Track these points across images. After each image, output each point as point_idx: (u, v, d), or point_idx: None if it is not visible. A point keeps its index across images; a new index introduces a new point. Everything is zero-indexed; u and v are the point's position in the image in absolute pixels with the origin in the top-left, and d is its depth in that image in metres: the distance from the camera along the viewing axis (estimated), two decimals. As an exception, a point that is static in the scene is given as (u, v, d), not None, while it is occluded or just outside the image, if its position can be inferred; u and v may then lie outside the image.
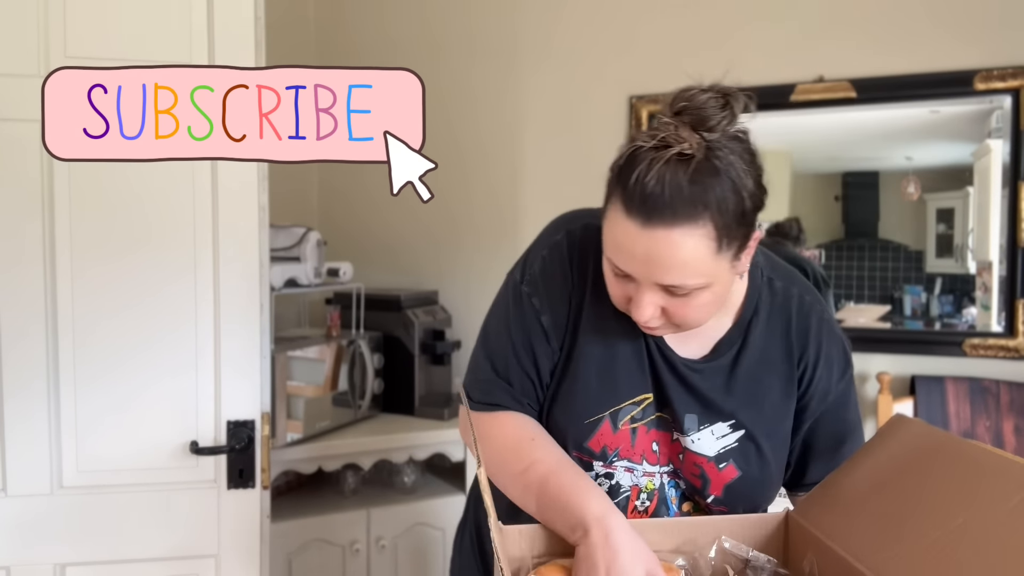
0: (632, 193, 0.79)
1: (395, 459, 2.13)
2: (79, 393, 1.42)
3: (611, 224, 0.83)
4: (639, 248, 0.81)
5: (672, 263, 0.80)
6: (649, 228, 0.79)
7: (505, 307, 1.00)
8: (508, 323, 0.99)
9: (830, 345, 0.99)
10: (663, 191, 0.78)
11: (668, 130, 0.79)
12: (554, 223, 1.02)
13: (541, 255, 0.98)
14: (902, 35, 2.04)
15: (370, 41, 2.64)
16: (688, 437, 0.97)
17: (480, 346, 1.03)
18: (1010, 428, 1.93)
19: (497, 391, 0.98)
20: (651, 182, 0.78)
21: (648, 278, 0.83)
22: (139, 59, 1.41)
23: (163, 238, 1.44)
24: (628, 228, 0.80)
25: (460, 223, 2.52)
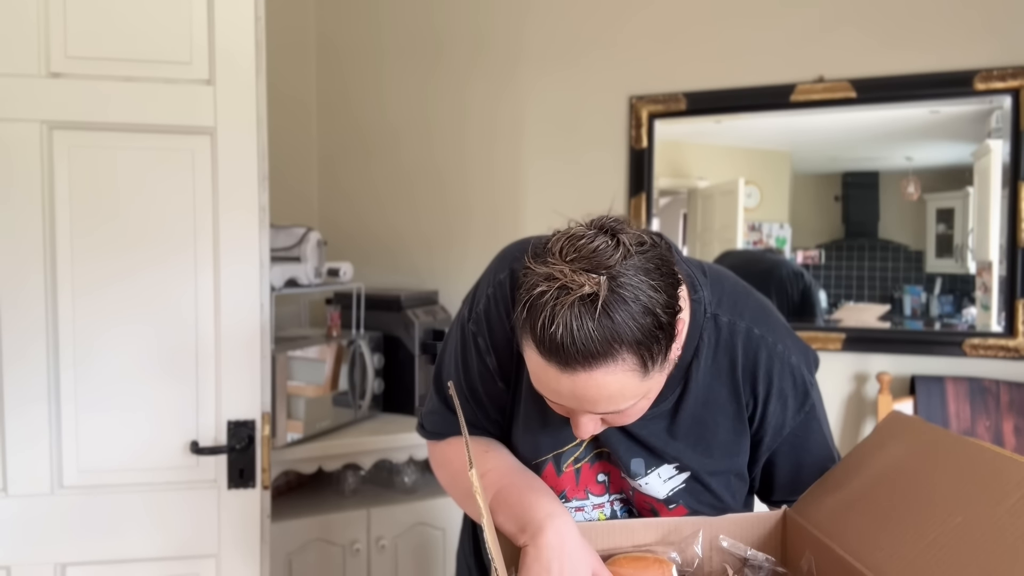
0: (543, 341, 0.75)
1: (395, 459, 2.13)
2: (79, 393, 1.42)
3: (531, 362, 0.80)
4: (564, 388, 0.77)
5: (599, 398, 0.77)
6: (569, 372, 0.75)
7: (454, 343, 1.01)
8: (455, 360, 1.00)
9: (782, 379, 0.94)
10: (573, 340, 0.73)
11: (564, 276, 0.74)
12: (501, 256, 0.98)
13: (487, 293, 0.96)
14: (902, 35, 2.04)
15: (370, 41, 2.65)
16: (636, 481, 0.96)
17: (433, 378, 1.06)
18: (1010, 428, 1.93)
19: (446, 423, 1.04)
20: (559, 331, 0.73)
21: (581, 409, 0.81)
22: (139, 59, 1.42)
23: (163, 238, 1.44)
24: (548, 371, 0.77)
25: (460, 223, 2.52)
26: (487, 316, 0.95)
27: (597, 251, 0.75)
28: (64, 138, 1.40)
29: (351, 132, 2.69)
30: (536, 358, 0.77)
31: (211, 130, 1.45)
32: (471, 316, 0.97)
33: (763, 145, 2.22)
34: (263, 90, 1.48)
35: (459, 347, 0.99)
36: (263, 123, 1.48)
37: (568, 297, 0.73)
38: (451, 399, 0.96)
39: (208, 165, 1.45)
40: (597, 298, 0.72)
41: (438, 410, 1.05)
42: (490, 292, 0.96)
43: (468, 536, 1.17)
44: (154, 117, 1.43)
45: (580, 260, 0.75)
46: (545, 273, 0.75)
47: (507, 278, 0.94)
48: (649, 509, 0.98)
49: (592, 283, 0.73)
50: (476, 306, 0.97)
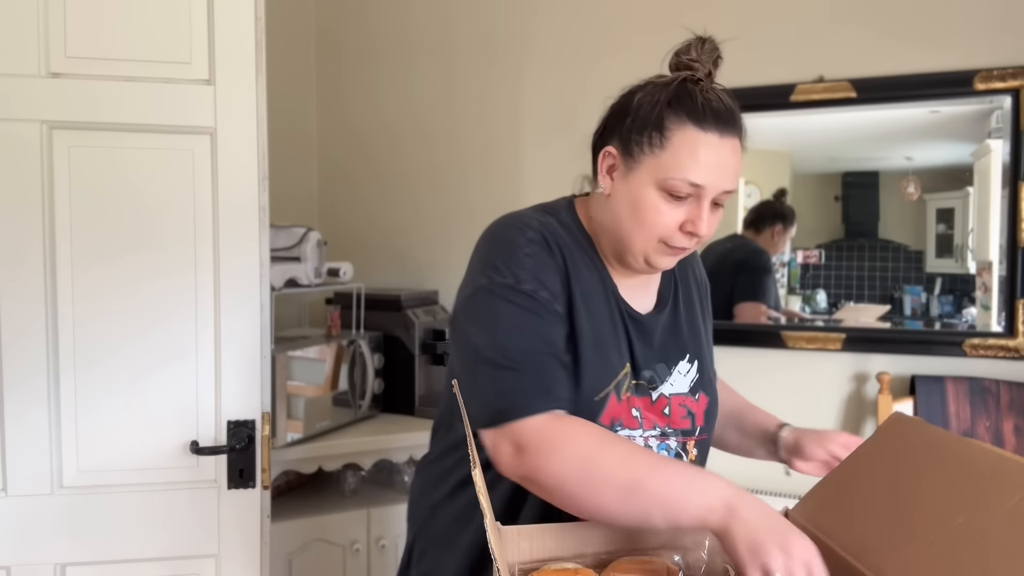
0: (704, 112, 0.91)
1: (395, 459, 2.13)
2: (79, 393, 1.42)
3: (685, 144, 0.92)
4: (719, 157, 0.92)
5: (736, 168, 0.95)
6: (725, 138, 0.92)
7: (516, 311, 0.93)
8: (528, 324, 0.92)
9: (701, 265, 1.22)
10: (725, 106, 0.93)
11: (696, 68, 0.95)
12: (507, 230, 1.01)
13: (525, 253, 0.96)
14: (902, 35, 2.04)
15: (370, 42, 2.65)
16: (665, 384, 1.04)
17: (492, 358, 0.91)
18: (1010, 428, 1.93)
19: (537, 394, 0.90)
20: (714, 101, 0.92)
21: (716, 187, 0.93)
22: (139, 59, 1.42)
23: (163, 238, 1.44)
24: (709, 140, 0.91)
25: (460, 223, 2.52)
26: (539, 269, 0.95)
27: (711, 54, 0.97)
28: (64, 138, 1.40)
29: (351, 132, 2.69)
30: (694, 135, 0.91)
31: (211, 130, 1.45)
32: (520, 279, 0.94)
33: (763, 145, 2.22)
34: (263, 90, 1.48)
35: (526, 311, 0.92)
36: (263, 123, 1.48)
37: (707, 80, 0.94)
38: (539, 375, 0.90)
39: (208, 165, 1.45)
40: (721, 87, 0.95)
41: (518, 383, 0.90)
42: (528, 251, 0.96)
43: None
44: (154, 117, 1.43)
45: (701, 60, 0.96)
46: (671, 76, 0.97)
47: (535, 234, 0.99)
48: (685, 414, 1.05)
49: (707, 72, 0.95)
50: (520, 270, 0.94)
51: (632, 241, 0.97)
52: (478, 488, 0.74)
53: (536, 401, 0.88)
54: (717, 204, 0.96)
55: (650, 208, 0.94)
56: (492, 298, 0.94)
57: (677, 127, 0.92)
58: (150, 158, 1.43)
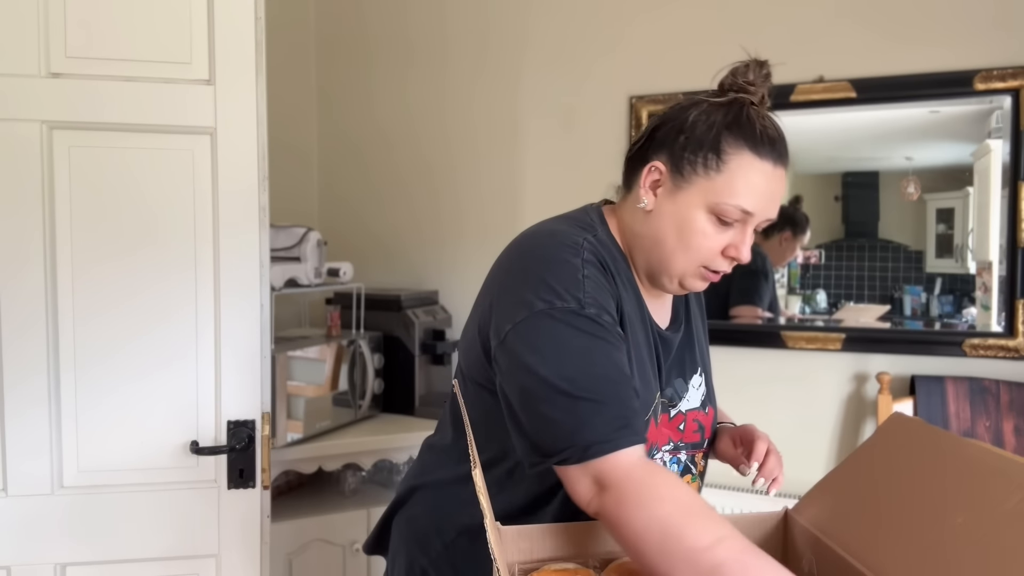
0: (762, 139, 0.91)
1: (395, 459, 2.13)
2: (79, 393, 1.42)
3: (741, 170, 0.91)
4: (771, 186, 0.93)
5: (779, 197, 0.95)
6: (779, 167, 0.93)
7: (584, 337, 0.87)
8: (600, 350, 0.87)
9: None
10: (779, 136, 0.94)
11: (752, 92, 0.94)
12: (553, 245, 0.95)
13: (583, 275, 0.91)
14: (902, 35, 2.04)
15: (370, 42, 2.65)
16: (683, 401, 1.04)
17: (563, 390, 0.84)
18: (1010, 428, 1.93)
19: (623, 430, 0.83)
20: (770, 130, 0.93)
21: (764, 215, 0.94)
22: (139, 59, 1.42)
23: (163, 238, 1.44)
24: (764, 168, 0.92)
25: (460, 223, 2.52)
26: (599, 293, 0.90)
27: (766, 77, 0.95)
28: (64, 138, 1.40)
29: (351, 132, 2.69)
30: (751, 163, 0.91)
31: (211, 130, 1.45)
32: (584, 303, 0.88)
33: (763, 145, 2.22)
34: (263, 90, 1.48)
35: (595, 336, 0.87)
36: (263, 123, 1.48)
37: (761, 105, 0.94)
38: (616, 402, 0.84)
39: (208, 165, 1.45)
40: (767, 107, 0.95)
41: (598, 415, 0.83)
42: (587, 273, 0.91)
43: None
44: (154, 117, 1.43)
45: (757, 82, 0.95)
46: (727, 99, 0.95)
47: (588, 254, 0.93)
48: (697, 428, 1.06)
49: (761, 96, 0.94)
50: (581, 293, 0.89)
51: (672, 262, 0.95)
52: (478, 488, 0.73)
53: (618, 435, 0.82)
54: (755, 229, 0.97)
55: (697, 231, 0.93)
56: (554, 323, 0.87)
57: (735, 151, 0.91)
58: (150, 158, 1.43)
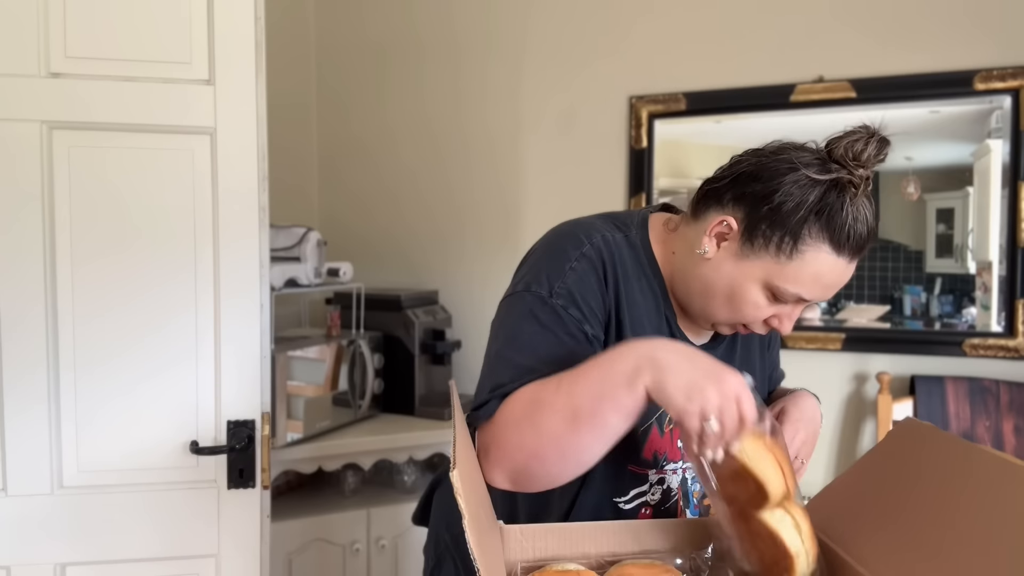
0: (847, 239, 0.85)
1: (395, 459, 2.13)
2: (79, 393, 1.42)
3: (815, 265, 0.87)
4: (839, 280, 0.88)
5: (844, 283, 0.91)
6: (854, 261, 0.88)
7: (534, 324, 0.91)
8: (542, 339, 0.90)
9: None
10: (867, 232, 0.87)
11: (858, 175, 0.86)
12: (565, 235, 0.97)
13: (569, 267, 0.93)
14: (902, 35, 2.04)
15: (369, 42, 2.65)
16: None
17: (499, 350, 0.92)
18: (1010, 428, 1.93)
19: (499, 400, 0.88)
20: (860, 225, 0.85)
21: (820, 299, 0.91)
22: (139, 59, 1.41)
23: (163, 238, 1.44)
24: (838, 265, 0.87)
25: (460, 223, 2.52)
26: (579, 287, 0.92)
27: (875, 153, 0.87)
28: (64, 138, 1.40)
29: (351, 132, 2.69)
30: (827, 259, 0.86)
31: (211, 130, 1.45)
32: (554, 292, 0.91)
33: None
34: (263, 90, 1.47)
35: (544, 325, 0.91)
36: (263, 123, 1.48)
37: (858, 194, 0.86)
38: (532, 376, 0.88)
39: (208, 165, 1.45)
40: (868, 190, 0.87)
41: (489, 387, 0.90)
42: (575, 266, 0.93)
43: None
44: (154, 117, 1.42)
45: (865, 159, 0.86)
46: (828, 177, 0.86)
47: (590, 250, 0.94)
48: None
49: (866, 176, 0.86)
50: (557, 283, 0.92)
51: (714, 314, 0.94)
52: (456, 490, 0.72)
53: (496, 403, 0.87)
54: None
55: (750, 302, 0.91)
56: (522, 306, 0.92)
57: (814, 244, 0.86)
58: (150, 158, 1.43)
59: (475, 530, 0.70)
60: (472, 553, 0.71)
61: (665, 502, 1.01)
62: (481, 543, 0.72)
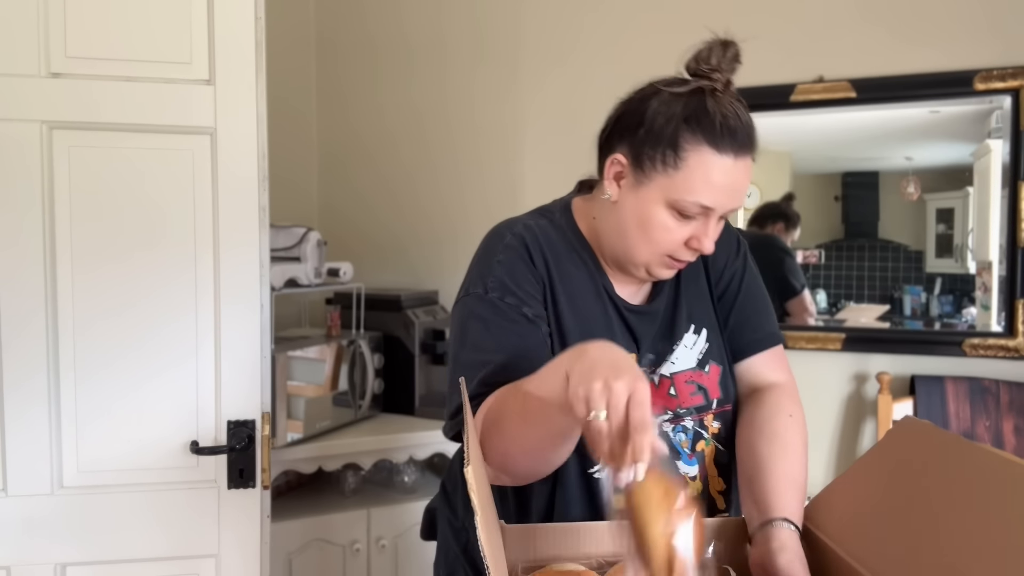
0: (721, 133, 0.89)
1: (395, 459, 2.13)
2: (79, 393, 1.42)
3: (699, 167, 0.90)
4: (732, 179, 0.91)
5: (742, 188, 0.93)
6: (740, 159, 0.91)
7: (478, 322, 0.96)
8: (488, 334, 0.95)
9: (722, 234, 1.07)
10: (742, 125, 0.91)
11: (715, 79, 0.92)
12: (490, 239, 1.05)
13: (497, 260, 0.99)
14: (902, 35, 2.04)
15: (370, 42, 2.64)
16: (668, 362, 1.03)
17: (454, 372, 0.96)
18: (1010, 428, 1.93)
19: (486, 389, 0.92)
20: (731, 120, 0.90)
21: (726, 207, 0.92)
22: (139, 59, 1.41)
23: (163, 238, 1.44)
24: (724, 163, 0.90)
25: (460, 223, 2.52)
26: (509, 275, 0.98)
27: (734, 57, 0.94)
28: (64, 138, 1.40)
29: (351, 132, 2.69)
30: (711, 159, 0.89)
31: (211, 130, 1.45)
32: (489, 288, 0.97)
33: (763, 145, 2.20)
34: (263, 90, 1.47)
35: (487, 321, 0.95)
36: (263, 123, 1.48)
37: (725, 92, 0.91)
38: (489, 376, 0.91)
39: (208, 165, 1.45)
40: (734, 92, 0.92)
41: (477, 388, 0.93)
42: (501, 258, 0.99)
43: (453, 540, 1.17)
44: (154, 117, 1.42)
45: (724, 65, 0.93)
46: (688, 87, 0.92)
47: (511, 239, 1.01)
48: (694, 390, 1.04)
49: (725, 80, 0.91)
50: (489, 278, 0.98)
51: (636, 253, 0.97)
52: (470, 486, 0.73)
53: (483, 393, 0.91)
54: (721, 217, 0.97)
55: (658, 225, 0.94)
56: (464, 310, 0.99)
57: (692, 148, 0.90)
58: (150, 158, 1.43)
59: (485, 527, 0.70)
60: (482, 549, 0.71)
61: None
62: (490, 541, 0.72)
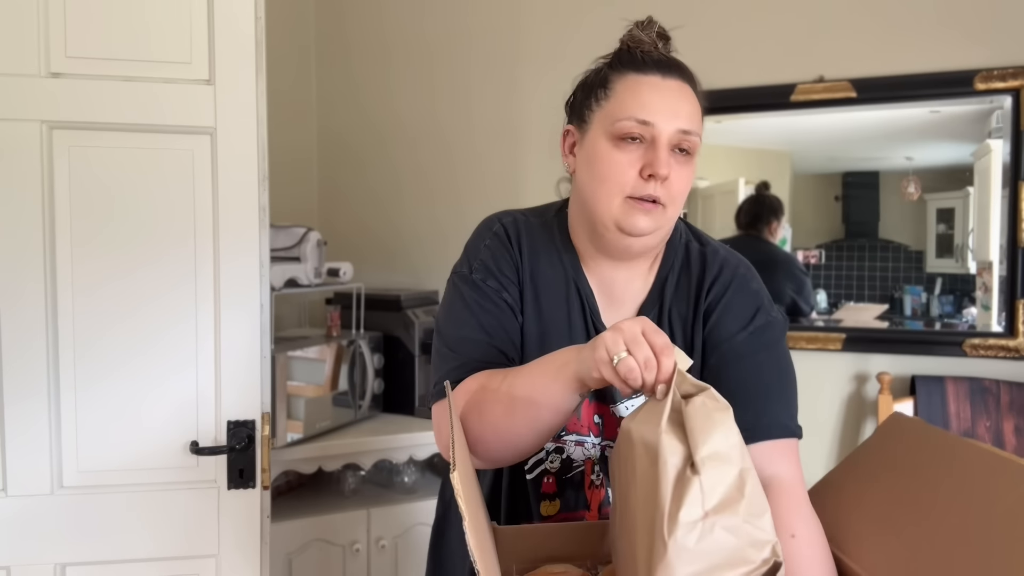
0: (643, 61, 0.94)
1: (395, 459, 2.13)
2: (79, 393, 1.42)
3: (627, 88, 0.93)
4: (661, 94, 0.92)
5: (688, 110, 0.93)
6: (668, 79, 0.93)
7: (459, 301, 1.01)
8: (469, 313, 0.99)
9: (735, 294, 0.99)
10: (667, 58, 0.95)
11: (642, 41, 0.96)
12: (482, 224, 1.08)
13: (484, 244, 1.04)
14: (902, 35, 2.04)
15: (370, 41, 2.65)
16: (620, 405, 1.02)
17: (438, 345, 1.01)
18: (1010, 428, 1.93)
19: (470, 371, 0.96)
20: (654, 54, 0.94)
21: (667, 125, 0.91)
22: (139, 59, 1.42)
23: (163, 238, 1.44)
24: (651, 80, 0.93)
25: (460, 223, 2.51)
26: (493, 260, 1.02)
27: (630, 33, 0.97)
28: (64, 138, 1.40)
29: (351, 132, 2.69)
30: (636, 80, 0.93)
31: (211, 130, 1.45)
32: (474, 269, 1.02)
33: (763, 145, 2.22)
34: (263, 90, 1.48)
35: (468, 300, 1.00)
36: (263, 123, 1.48)
37: (650, 30, 0.96)
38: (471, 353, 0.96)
39: (208, 165, 1.45)
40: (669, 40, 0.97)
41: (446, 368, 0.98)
42: (488, 243, 1.04)
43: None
44: (154, 117, 1.42)
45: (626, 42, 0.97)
46: (612, 51, 0.98)
47: (500, 228, 1.05)
48: (616, 426, 1.02)
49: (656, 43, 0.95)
50: (475, 260, 1.02)
51: (597, 205, 0.94)
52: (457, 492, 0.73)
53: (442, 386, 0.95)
54: (683, 151, 0.93)
55: (604, 158, 0.93)
56: (451, 287, 1.04)
57: (619, 77, 0.94)
58: (150, 158, 1.43)
59: (474, 532, 0.70)
60: (472, 555, 0.71)
61: (567, 471, 1.03)
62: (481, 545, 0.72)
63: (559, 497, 1.04)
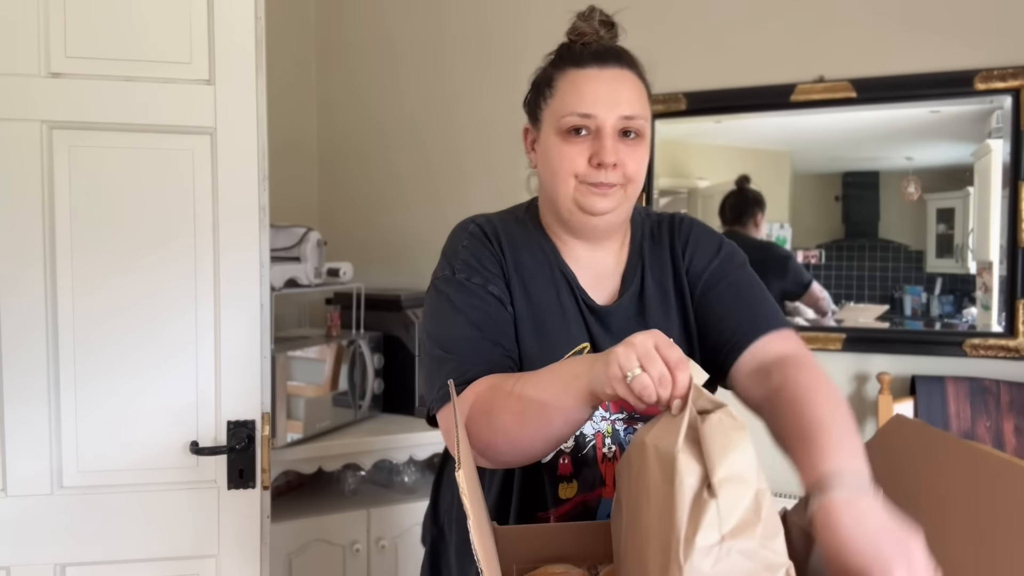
0: (581, 55, 0.99)
1: (395, 459, 2.13)
2: (79, 393, 1.42)
3: (567, 85, 0.98)
4: (599, 85, 0.97)
5: (627, 96, 0.97)
6: (606, 68, 0.97)
7: (447, 303, 1.01)
8: (457, 312, 1.00)
9: (699, 236, 1.10)
10: (605, 48, 0.99)
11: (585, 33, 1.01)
12: (455, 229, 1.11)
13: (462, 245, 1.06)
14: (902, 35, 2.04)
15: (370, 41, 2.65)
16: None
17: (430, 350, 1.00)
18: (1010, 428, 1.93)
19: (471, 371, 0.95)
20: (593, 46, 0.99)
21: (608, 114, 0.96)
22: (139, 59, 1.42)
23: (163, 238, 1.44)
24: (588, 73, 0.97)
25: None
26: (474, 257, 1.04)
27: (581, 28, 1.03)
28: (64, 138, 1.40)
29: (351, 132, 2.69)
30: (575, 75, 0.98)
31: (211, 130, 1.45)
32: (456, 270, 1.04)
33: (763, 145, 2.22)
34: (263, 90, 1.48)
35: (455, 301, 1.01)
36: (263, 123, 1.48)
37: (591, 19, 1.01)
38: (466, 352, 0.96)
39: (208, 165, 1.45)
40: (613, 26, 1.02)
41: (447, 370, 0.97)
42: (465, 243, 1.06)
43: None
44: (154, 117, 1.43)
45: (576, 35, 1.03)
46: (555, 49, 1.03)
47: (475, 228, 1.08)
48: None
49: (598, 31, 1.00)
50: (456, 261, 1.05)
51: (556, 192, 1.00)
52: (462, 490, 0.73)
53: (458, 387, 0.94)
54: (632, 134, 0.98)
55: (555, 153, 0.99)
56: (433, 292, 1.05)
57: (560, 75, 1.00)
58: (150, 158, 1.43)
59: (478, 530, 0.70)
60: (476, 553, 0.71)
61: (580, 449, 1.03)
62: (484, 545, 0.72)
63: (576, 478, 1.04)
